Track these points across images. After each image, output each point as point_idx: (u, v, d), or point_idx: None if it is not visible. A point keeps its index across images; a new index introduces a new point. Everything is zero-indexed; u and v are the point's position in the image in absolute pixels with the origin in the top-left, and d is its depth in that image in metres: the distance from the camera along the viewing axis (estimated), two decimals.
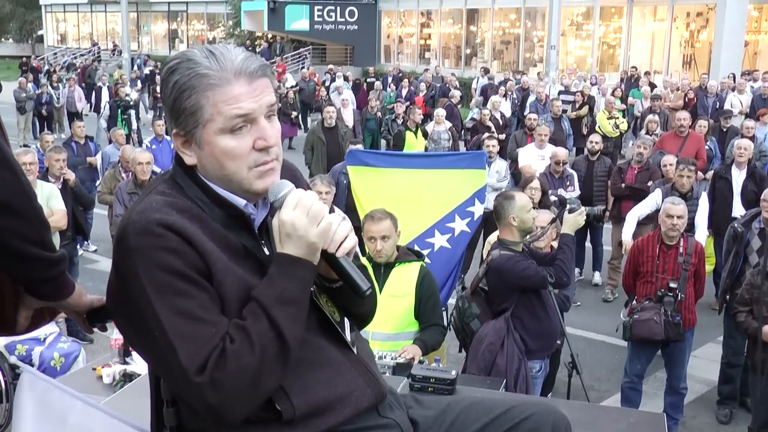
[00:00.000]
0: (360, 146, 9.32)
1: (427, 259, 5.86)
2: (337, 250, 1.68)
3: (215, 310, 1.62)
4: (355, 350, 1.84)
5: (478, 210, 6.26)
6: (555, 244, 5.29)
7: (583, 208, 4.95)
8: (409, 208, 5.94)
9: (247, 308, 1.63)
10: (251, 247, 1.72)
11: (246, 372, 1.57)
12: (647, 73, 22.22)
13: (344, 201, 7.91)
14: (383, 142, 14.28)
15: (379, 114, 16.60)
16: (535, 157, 10.03)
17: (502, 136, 12.59)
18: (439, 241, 6.13)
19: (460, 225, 6.18)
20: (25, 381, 1.86)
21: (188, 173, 1.73)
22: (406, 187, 6.20)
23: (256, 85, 1.67)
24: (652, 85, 19.59)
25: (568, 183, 8.92)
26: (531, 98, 17.57)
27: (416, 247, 5.49)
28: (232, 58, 1.66)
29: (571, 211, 4.89)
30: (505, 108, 16.90)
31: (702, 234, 7.61)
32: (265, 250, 1.75)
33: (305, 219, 1.64)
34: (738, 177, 8.56)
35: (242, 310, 1.63)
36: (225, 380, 1.56)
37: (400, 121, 13.76)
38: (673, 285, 5.59)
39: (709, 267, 7.57)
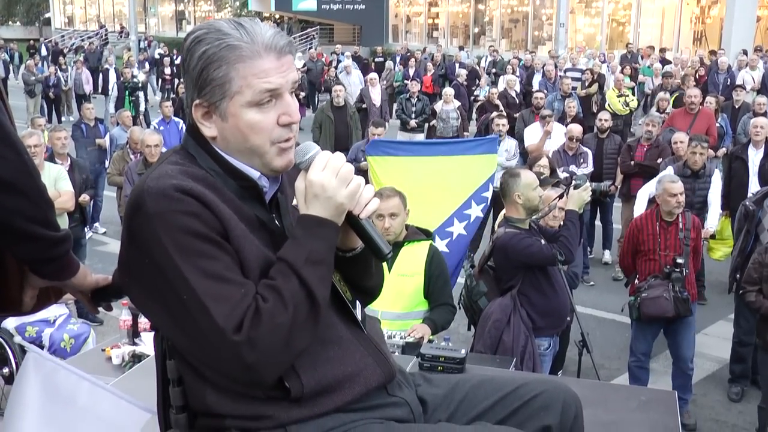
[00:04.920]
0: (381, 129, 9.35)
1: (446, 248, 5.93)
2: (361, 212, 1.68)
3: (239, 272, 1.61)
4: (365, 329, 1.82)
5: (489, 194, 6.30)
6: None
7: (588, 183, 4.94)
8: (430, 198, 6.00)
9: (274, 269, 1.62)
10: (264, 218, 1.72)
11: (280, 331, 1.56)
12: (662, 50, 21.92)
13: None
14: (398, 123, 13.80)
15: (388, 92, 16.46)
16: (540, 136, 9.94)
17: (516, 115, 12.41)
18: (458, 229, 6.15)
19: (475, 211, 6.21)
20: (30, 361, 1.85)
21: (201, 144, 1.71)
22: (427, 176, 6.23)
23: (284, 60, 1.67)
24: (665, 61, 19.37)
25: (581, 160, 8.87)
26: (537, 77, 17.44)
27: (437, 238, 5.46)
28: (262, 33, 1.65)
29: (576, 187, 4.88)
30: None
31: (715, 212, 7.56)
32: (277, 222, 1.75)
33: (334, 180, 1.63)
34: (755, 156, 8.35)
35: (260, 278, 1.62)
36: (261, 339, 1.54)
37: (414, 100, 13.62)
38: (680, 260, 5.57)
39: (726, 249, 7.47)
